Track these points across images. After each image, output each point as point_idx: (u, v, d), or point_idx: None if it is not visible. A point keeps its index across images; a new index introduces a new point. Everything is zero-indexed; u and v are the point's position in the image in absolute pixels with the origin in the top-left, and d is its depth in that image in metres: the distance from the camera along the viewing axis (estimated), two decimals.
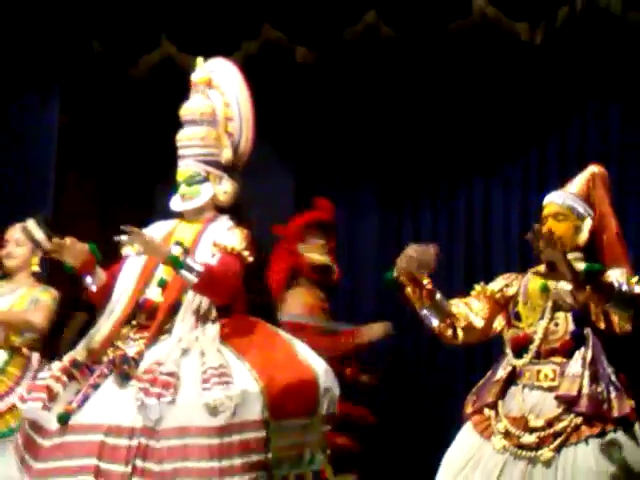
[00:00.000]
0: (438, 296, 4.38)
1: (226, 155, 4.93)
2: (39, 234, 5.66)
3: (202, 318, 4.78)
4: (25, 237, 5.65)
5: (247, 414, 4.42)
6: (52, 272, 5.72)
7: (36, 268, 5.65)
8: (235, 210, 4.87)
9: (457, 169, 6.65)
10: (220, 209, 4.88)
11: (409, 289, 4.35)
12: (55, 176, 6.75)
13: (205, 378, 4.42)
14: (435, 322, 4.47)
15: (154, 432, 4.36)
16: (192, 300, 4.72)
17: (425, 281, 4.32)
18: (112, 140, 7.37)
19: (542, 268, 4.30)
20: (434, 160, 6.65)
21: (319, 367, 4.69)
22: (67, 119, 6.88)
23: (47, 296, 5.55)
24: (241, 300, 4.84)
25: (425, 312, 4.44)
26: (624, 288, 3.99)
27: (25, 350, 5.54)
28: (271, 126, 6.36)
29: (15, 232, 5.65)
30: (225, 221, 4.81)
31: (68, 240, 4.62)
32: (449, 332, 4.48)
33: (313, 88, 6.83)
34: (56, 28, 6.71)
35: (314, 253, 5.88)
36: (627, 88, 6.14)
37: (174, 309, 4.72)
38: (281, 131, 6.93)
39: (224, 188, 4.87)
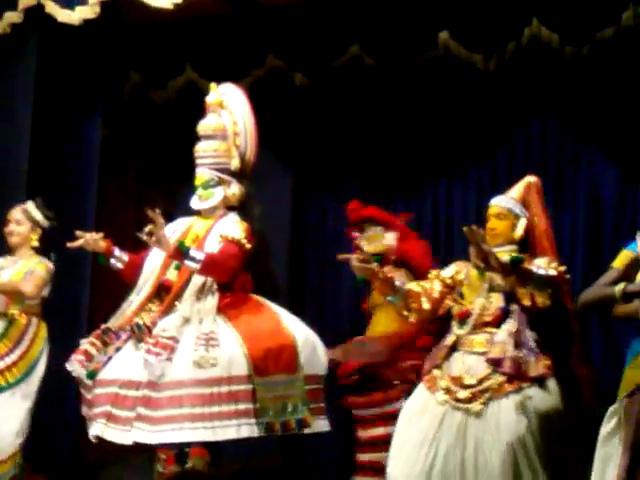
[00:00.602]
0: (397, 283, 4.48)
1: (235, 164, 5.12)
2: (37, 215, 5.69)
3: (204, 293, 4.95)
4: (25, 217, 5.66)
5: (235, 371, 4.66)
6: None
7: (35, 243, 5.65)
8: (241, 208, 5.12)
9: (425, 173, 6.75)
10: (229, 207, 5.11)
11: (375, 283, 4.50)
12: (98, 179, 6.76)
13: (197, 341, 4.69)
14: (398, 304, 4.55)
15: (156, 385, 4.61)
16: (199, 280, 4.94)
17: (382, 275, 4.43)
18: (144, 150, 7.55)
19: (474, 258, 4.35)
20: (406, 165, 6.72)
21: (299, 334, 4.91)
22: (108, 132, 6.95)
23: (41, 267, 5.54)
24: (241, 279, 5.05)
25: (389, 298, 4.57)
26: (541, 272, 4.11)
27: (24, 316, 5.50)
28: (274, 137, 6.55)
29: (16, 213, 5.68)
30: (232, 217, 5.05)
31: (88, 235, 5.06)
32: (405, 312, 4.56)
33: (309, 106, 6.97)
34: (101, 59, 6.75)
35: (365, 242, 5.63)
36: (564, 108, 6.24)
37: (185, 287, 4.96)
38: (282, 142, 6.97)
39: (233, 191, 5.11)
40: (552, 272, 4.21)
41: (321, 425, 4.81)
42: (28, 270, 5.52)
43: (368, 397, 5.44)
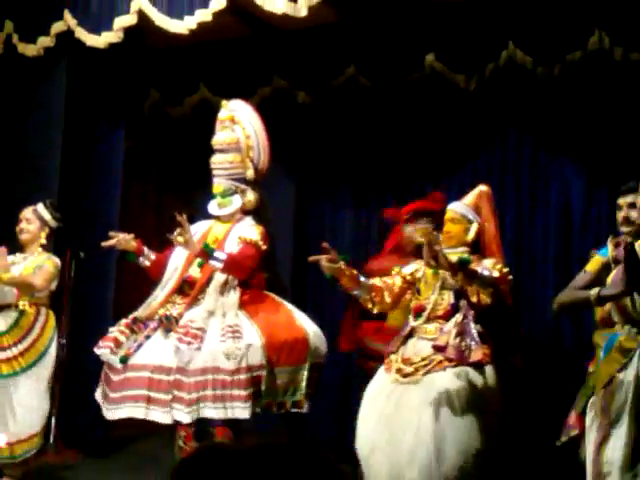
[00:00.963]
0: (362, 279, 4.50)
1: (249, 174, 5.21)
2: (46, 215, 5.61)
3: (226, 290, 5.02)
4: (35, 217, 5.59)
5: (252, 360, 4.77)
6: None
7: (43, 241, 5.59)
8: (256, 212, 5.22)
9: (413, 179, 6.77)
10: (245, 212, 5.18)
11: (343, 280, 4.43)
12: (121, 187, 6.78)
13: (223, 333, 4.78)
14: (363, 297, 4.56)
15: (185, 371, 4.72)
16: (220, 277, 5.01)
17: (348, 272, 4.42)
18: (163, 160, 7.69)
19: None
20: (397, 172, 6.76)
21: (310, 330, 5.02)
22: (130, 144, 6.98)
23: (49, 263, 5.47)
24: (257, 278, 5.15)
25: (355, 292, 4.56)
26: (485, 273, 4.15)
27: (33, 307, 5.42)
28: (278, 150, 6.50)
29: (27, 212, 5.61)
30: (248, 221, 5.14)
31: (121, 235, 5.17)
32: (369, 305, 4.58)
33: (310, 122, 7.02)
34: (124, 78, 6.76)
35: (416, 234, 5.40)
36: (537, 123, 6.29)
37: (207, 283, 5.03)
38: (286, 154, 6.88)
39: (249, 198, 5.18)
40: (495, 273, 4.26)
41: (307, 407, 4.91)
42: (37, 265, 5.44)
43: None
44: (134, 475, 5.82)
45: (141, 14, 5.83)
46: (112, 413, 4.91)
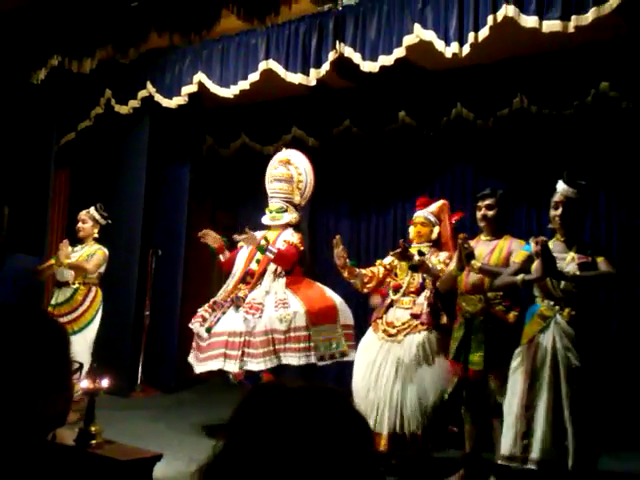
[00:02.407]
0: (356, 271, 4.65)
1: (297, 200, 5.43)
2: (97, 215, 5.53)
3: (277, 276, 5.18)
4: (88, 217, 5.52)
5: (299, 322, 4.90)
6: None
7: (96, 235, 5.51)
8: (296, 226, 5.40)
9: (389, 198, 6.68)
10: (289, 225, 5.34)
11: (344, 273, 4.57)
12: (187, 207, 6.84)
13: (276, 304, 4.95)
14: (358, 283, 4.65)
15: (252, 334, 4.88)
16: (272, 268, 5.17)
17: (349, 268, 4.56)
18: (217, 188, 7.66)
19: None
20: (377, 194, 6.68)
21: (337, 300, 5.17)
22: (193, 176, 7.07)
23: (100, 252, 5.40)
24: (297, 268, 5.30)
25: (352, 280, 4.69)
26: (451, 268, 4.13)
27: (85, 286, 5.31)
28: None
29: (83, 215, 5.55)
30: (290, 230, 5.34)
31: (206, 231, 5.30)
32: (362, 288, 4.68)
33: (318, 159, 6.36)
34: (189, 129, 6.90)
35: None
36: (477, 158, 6.26)
37: (263, 273, 5.19)
38: None
39: (294, 216, 5.37)
40: (440, 266, 4.36)
41: (353, 355, 4.83)
42: (90, 254, 5.41)
43: None
44: (195, 407, 5.93)
45: (200, 84, 5.99)
46: (201, 367, 5.06)
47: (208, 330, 5.00)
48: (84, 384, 3.32)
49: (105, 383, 3.35)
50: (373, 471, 0.95)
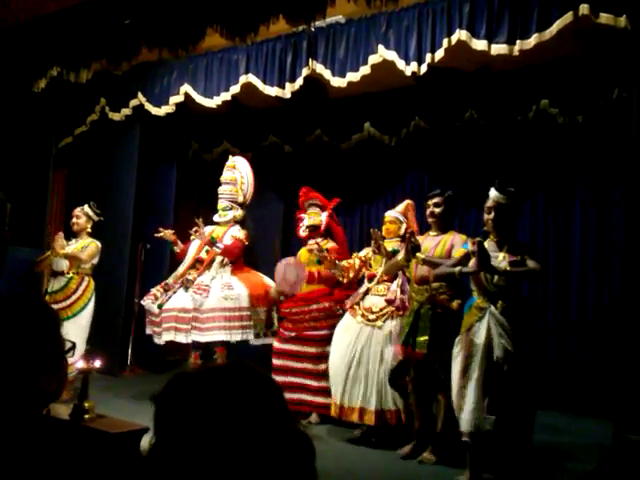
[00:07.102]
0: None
1: (240, 199, 5.47)
2: (90, 212, 5.44)
3: (223, 265, 5.22)
4: (82, 213, 5.43)
5: (242, 303, 4.98)
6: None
7: (89, 230, 5.40)
8: (242, 222, 5.44)
9: (357, 199, 6.57)
10: (235, 221, 5.40)
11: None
12: (174, 204, 6.68)
13: (222, 286, 5.01)
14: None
15: (199, 311, 4.91)
16: (219, 258, 5.20)
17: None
18: (201, 187, 7.29)
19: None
20: (348, 195, 6.23)
21: (272, 286, 5.15)
22: (180, 177, 6.93)
23: (93, 245, 5.32)
24: (240, 259, 5.33)
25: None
26: (399, 258, 4.13)
27: (78, 275, 5.21)
28: (272, 182, 6.91)
29: (77, 211, 5.47)
30: (237, 226, 5.38)
31: (167, 231, 5.29)
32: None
33: (293, 164, 6.95)
34: (176, 135, 6.76)
35: (307, 217, 5.03)
36: (432, 165, 6.27)
37: (211, 262, 5.21)
38: (277, 184, 6.94)
39: (238, 213, 5.42)
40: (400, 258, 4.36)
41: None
42: (84, 246, 5.34)
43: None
44: None
45: (186, 95, 5.94)
46: (158, 339, 5.17)
47: (160, 306, 5.01)
48: (79, 364, 3.33)
49: (98, 363, 3.34)
50: (292, 433, 0.89)
